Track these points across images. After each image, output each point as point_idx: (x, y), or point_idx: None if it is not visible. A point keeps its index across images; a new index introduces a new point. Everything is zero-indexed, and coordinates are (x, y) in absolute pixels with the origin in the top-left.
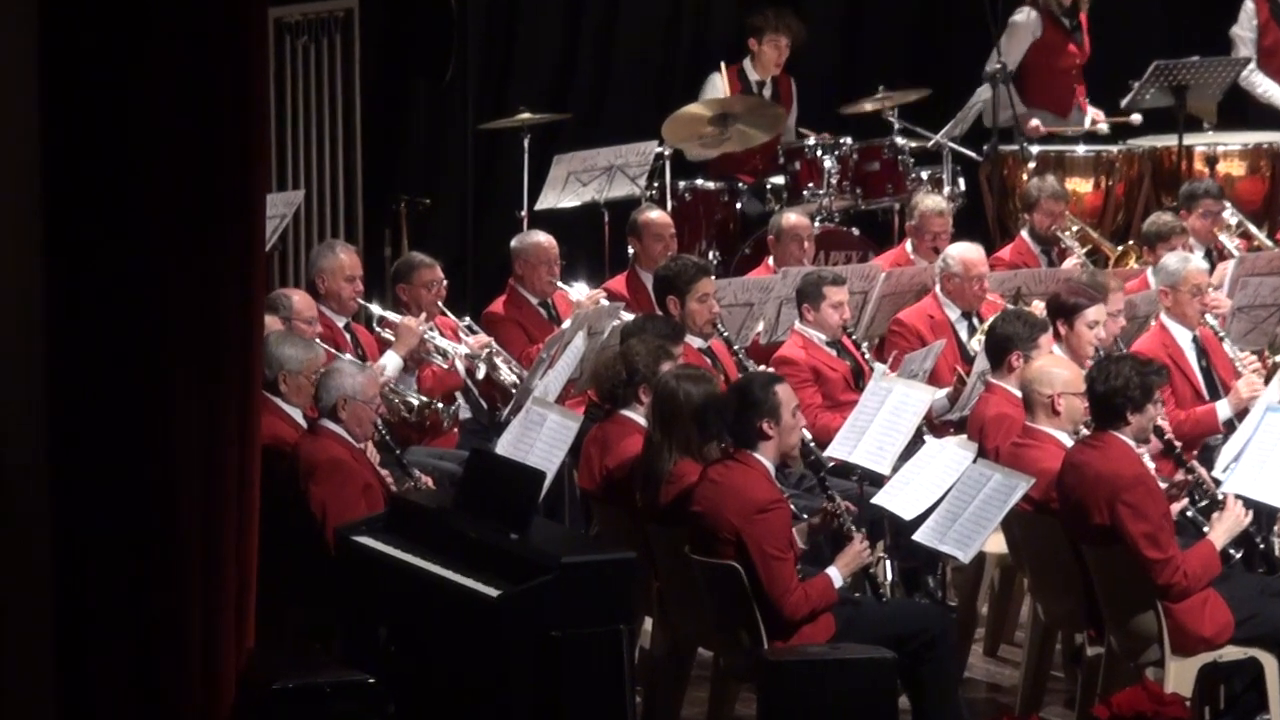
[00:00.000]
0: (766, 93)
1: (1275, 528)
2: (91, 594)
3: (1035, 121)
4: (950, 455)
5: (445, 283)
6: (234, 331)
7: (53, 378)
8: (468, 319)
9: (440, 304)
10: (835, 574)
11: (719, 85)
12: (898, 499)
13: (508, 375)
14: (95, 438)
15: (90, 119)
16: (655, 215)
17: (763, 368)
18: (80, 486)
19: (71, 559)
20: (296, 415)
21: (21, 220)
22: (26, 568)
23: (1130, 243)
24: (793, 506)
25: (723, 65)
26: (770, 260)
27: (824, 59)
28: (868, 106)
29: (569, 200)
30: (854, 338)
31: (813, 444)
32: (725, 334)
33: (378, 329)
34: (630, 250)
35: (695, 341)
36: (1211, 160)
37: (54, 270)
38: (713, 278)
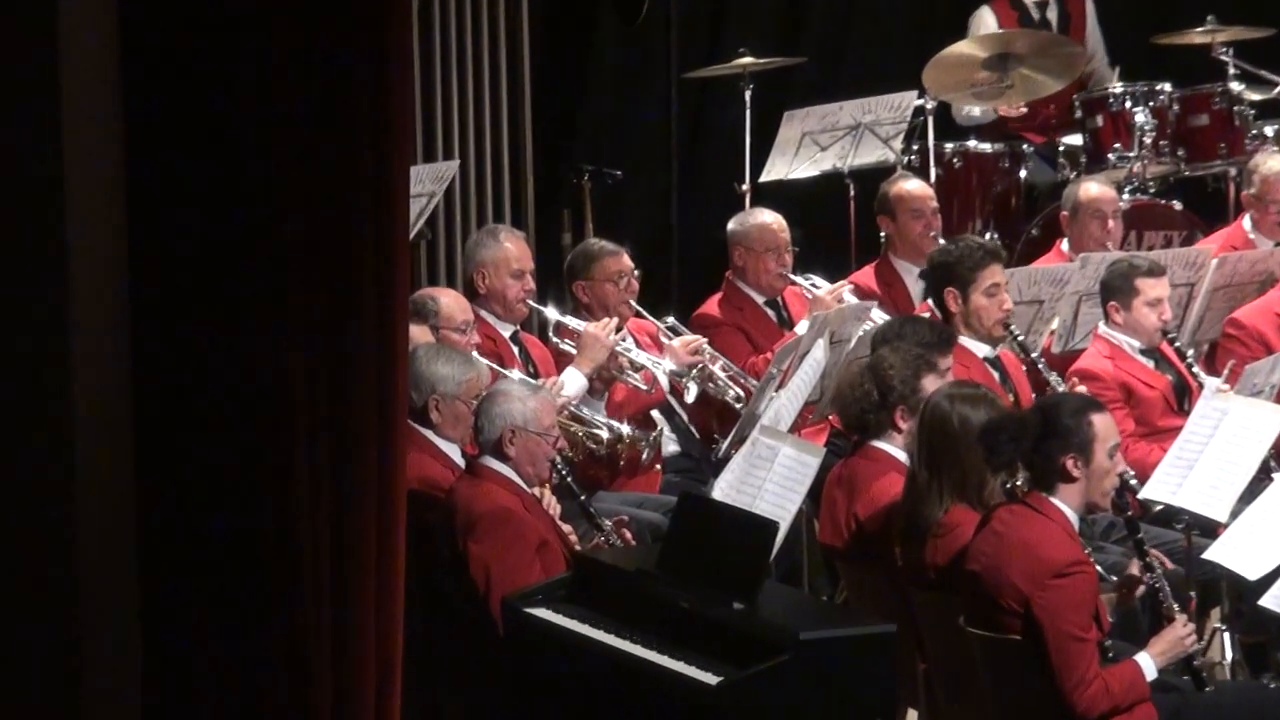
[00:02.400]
0: (1051, 16)
1: None
2: (188, 678)
3: None
4: None
5: (638, 274)
6: (369, 345)
7: (139, 413)
8: (670, 319)
9: (633, 303)
10: (1148, 663)
11: (988, 20)
12: (1238, 554)
13: (726, 396)
14: (192, 484)
15: (185, 82)
16: (913, 187)
17: (1073, 381)
18: (173, 543)
19: (162, 633)
20: (452, 452)
21: (101, 208)
22: (105, 648)
23: None
24: (1098, 568)
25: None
26: (1064, 244)
27: None
28: (1193, 40)
29: (803, 169)
30: (1177, 344)
31: (1133, 481)
32: (1020, 338)
33: (554, 338)
34: (882, 232)
35: (980, 349)
36: None
37: (140, 274)
38: (1003, 265)
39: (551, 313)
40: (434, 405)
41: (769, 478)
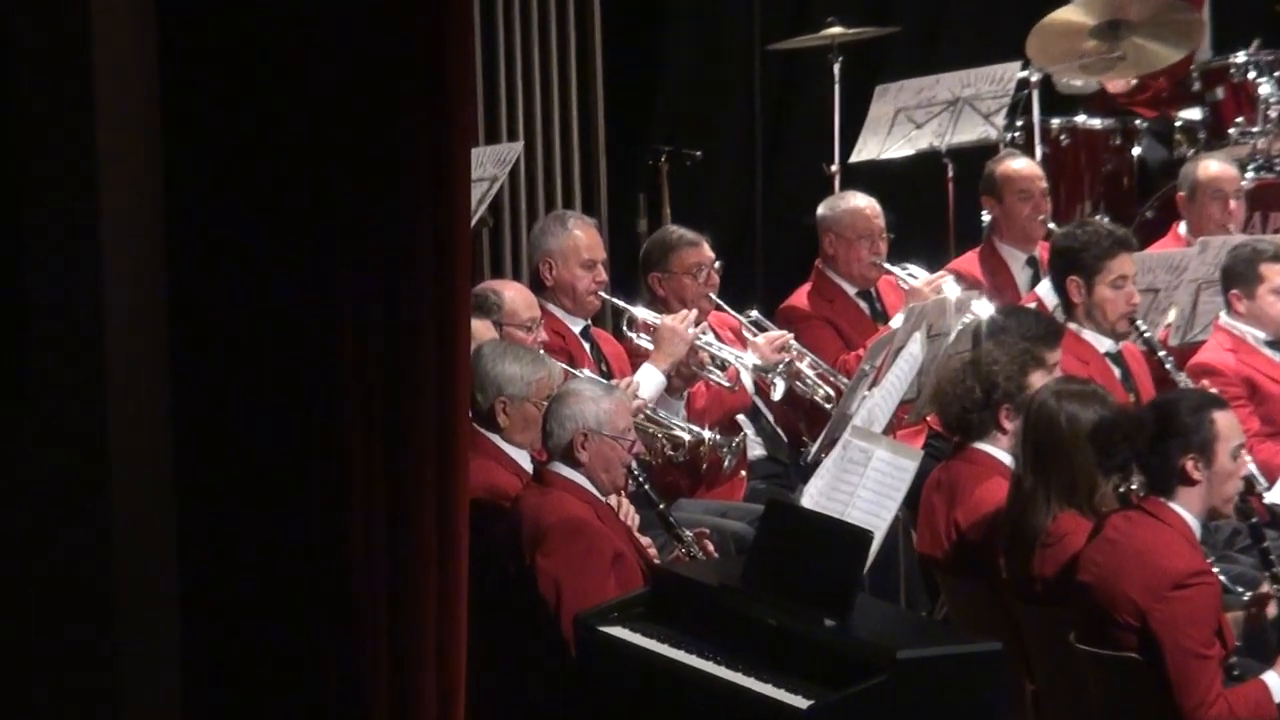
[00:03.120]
0: None
1: None
2: (234, 702)
3: None
4: None
5: (719, 266)
6: (428, 342)
7: (179, 421)
8: (754, 313)
9: (714, 296)
10: (1276, 682)
11: None
12: None
13: (815, 395)
14: (234, 495)
15: (228, 63)
16: (1021, 166)
17: (1203, 382)
18: (216, 560)
19: (205, 657)
20: (521, 458)
21: (138, 198)
22: (144, 680)
23: None
24: (1222, 579)
25: None
26: (1182, 227)
27: None
28: None
29: (898, 148)
30: None
31: (1262, 487)
32: (1147, 334)
33: (629, 334)
34: (986, 215)
35: (1101, 343)
36: None
37: (181, 271)
38: (1133, 254)
39: (642, 312)
40: (501, 408)
41: (862, 483)
